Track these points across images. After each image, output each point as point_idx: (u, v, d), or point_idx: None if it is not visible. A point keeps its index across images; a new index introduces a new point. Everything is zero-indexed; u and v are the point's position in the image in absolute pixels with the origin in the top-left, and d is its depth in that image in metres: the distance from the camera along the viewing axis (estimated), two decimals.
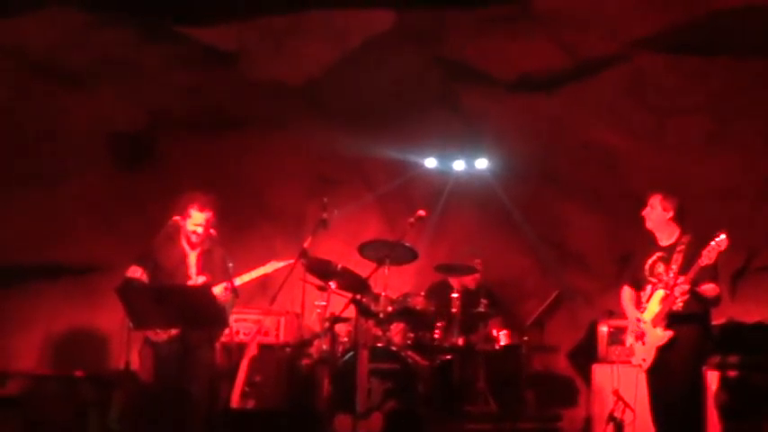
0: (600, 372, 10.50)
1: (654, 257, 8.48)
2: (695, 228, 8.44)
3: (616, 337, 10.42)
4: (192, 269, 8.64)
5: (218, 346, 9.11)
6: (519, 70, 11.11)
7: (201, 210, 8.65)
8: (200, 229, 8.64)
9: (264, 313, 10.90)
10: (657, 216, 8.53)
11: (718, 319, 9.21)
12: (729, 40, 10.05)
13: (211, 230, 8.71)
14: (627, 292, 8.72)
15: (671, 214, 8.48)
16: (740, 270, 11.06)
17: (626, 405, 9.57)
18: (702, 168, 10.92)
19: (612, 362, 10.35)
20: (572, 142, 11.52)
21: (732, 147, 10.75)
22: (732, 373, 9.62)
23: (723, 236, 7.92)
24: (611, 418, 9.67)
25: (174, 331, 8.30)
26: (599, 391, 10.43)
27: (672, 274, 8.24)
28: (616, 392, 9.72)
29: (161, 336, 8.36)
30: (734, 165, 10.84)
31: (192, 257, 8.67)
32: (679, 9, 9.90)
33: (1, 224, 11.02)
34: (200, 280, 8.52)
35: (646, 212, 8.59)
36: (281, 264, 8.79)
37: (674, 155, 10.98)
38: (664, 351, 8.25)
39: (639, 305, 8.53)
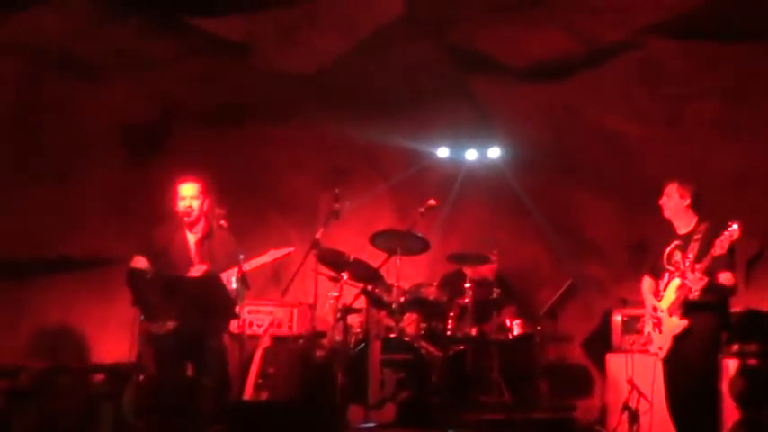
0: (614, 361, 10.43)
1: (671, 246, 8.44)
2: (710, 215, 8.38)
3: (630, 325, 10.37)
4: (194, 257, 8.62)
5: (228, 337, 9.12)
6: (531, 58, 11.05)
7: (186, 181, 8.64)
8: (188, 202, 8.62)
9: (277, 305, 10.88)
10: (674, 204, 8.47)
11: (734, 308, 9.14)
12: (742, 25, 9.98)
13: (222, 222, 8.70)
14: (647, 282, 8.69)
15: (687, 202, 8.42)
16: (755, 257, 10.97)
17: (640, 394, 9.53)
18: (716, 155, 10.84)
19: (627, 351, 10.29)
20: (585, 130, 11.46)
21: (746, 133, 10.68)
22: (750, 362, 9.55)
23: (735, 225, 7.85)
24: (626, 407, 9.62)
25: (171, 323, 8.30)
26: (613, 381, 10.36)
27: (688, 263, 8.19)
28: (630, 381, 9.68)
29: (161, 328, 8.35)
30: (748, 151, 10.77)
31: (193, 245, 8.65)
32: None
33: (15, 218, 11.00)
34: (202, 268, 8.50)
35: (663, 201, 8.54)
36: (280, 252, 8.76)
37: (687, 141, 10.91)
38: (679, 340, 8.22)
39: (657, 294, 8.49)
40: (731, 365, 9.46)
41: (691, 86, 10.66)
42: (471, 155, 12.15)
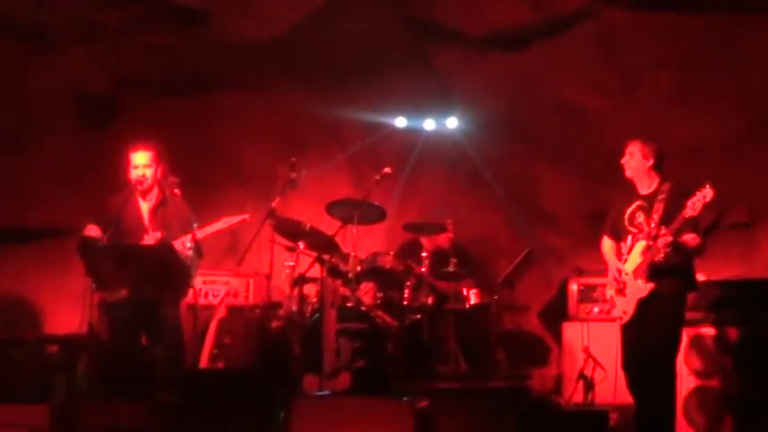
0: (570, 330, 10.47)
1: (633, 206, 8.36)
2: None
3: (586, 294, 10.40)
4: (148, 225, 8.58)
5: (183, 307, 9.08)
6: (488, 27, 11.03)
7: (138, 149, 8.60)
8: (141, 171, 8.58)
9: (233, 275, 10.86)
10: (637, 163, 8.40)
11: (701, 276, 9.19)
12: None
13: (176, 190, 8.66)
14: (607, 243, 8.61)
15: (651, 162, 8.36)
16: (710, 227, 11.00)
17: (596, 363, 9.56)
18: (673, 124, 10.83)
19: (583, 320, 10.34)
20: (542, 100, 11.44)
21: (702, 103, 10.72)
22: (707, 331, 9.57)
23: (708, 188, 7.79)
24: (582, 375, 9.65)
25: (123, 291, 8.27)
26: (569, 350, 10.40)
27: (653, 225, 8.12)
28: (586, 350, 9.71)
29: (114, 295, 8.31)
30: (704, 121, 10.81)
31: (147, 213, 8.60)
32: None
33: None
34: (156, 236, 8.46)
35: (624, 161, 8.45)
36: (234, 219, 8.76)
37: (644, 111, 10.91)
38: (644, 304, 8.15)
39: (620, 256, 8.43)
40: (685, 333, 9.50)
41: (647, 57, 10.70)
42: (429, 125, 12.05)
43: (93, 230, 8.53)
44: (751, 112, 10.69)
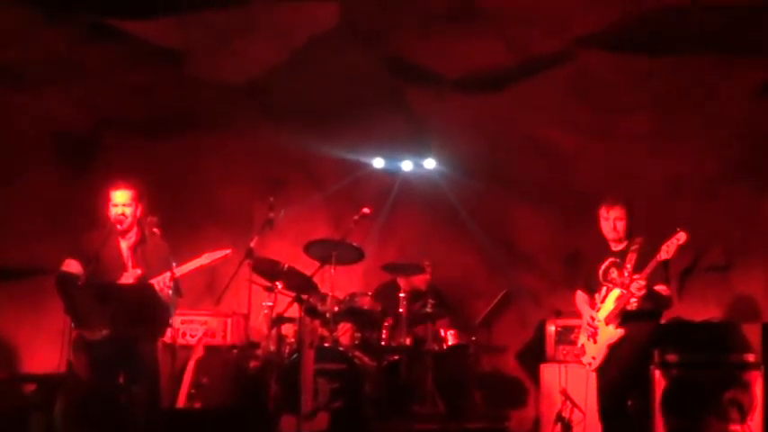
0: (548, 371, 10.48)
1: (607, 263, 8.62)
2: (642, 227, 8.60)
3: (564, 336, 10.41)
4: (128, 262, 8.57)
5: (161, 346, 9.05)
6: (465, 68, 11.05)
7: (118, 188, 8.58)
8: (120, 209, 8.55)
9: (211, 314, 10.82)
10: (610, 227, 8.63)
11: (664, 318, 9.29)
12: (673, 38, 10.06)
13: (155, 229, 8.66)
14: (581, 296, 8.85)
15: (623, 223, 8.61)
16: (687, 270, 11.10)
17: (574, 405, 9.59)
18: (648, 167, 10.98)
19: (560, 361, 10.35)
20: (519, 141, 11.52)
21: (677, 145, 10.81)
22: (675, 371, 9.62)
23: (682, 232, 8.05)
24: (559, 417, 9.72)
25: (104, 330, 8.23)
26: (547, 391, 10.41)
27: (627, 274, 8.34)
28: (564, 392, 9.75)
29: (95, 334, 8.28)
30: (679, 163, 10.91)
31: (126, 251, 8.60)
32: (623, 7, 9.90)
33: None
34: (136, 273, 8.45)
35: (602, 225, 8.68)
36: (216, 255, 8.75)
37: (619, 153, 11.03)
38: (614, 349, 8.36)
39: (593, 305, 8.64)
40: (658, 375, 9.55)
41: (623, 98, 10.75)
42: (407, 165, 12.11)
43: (71, 266, 8.49)
44: (726, 153, 10.78)
